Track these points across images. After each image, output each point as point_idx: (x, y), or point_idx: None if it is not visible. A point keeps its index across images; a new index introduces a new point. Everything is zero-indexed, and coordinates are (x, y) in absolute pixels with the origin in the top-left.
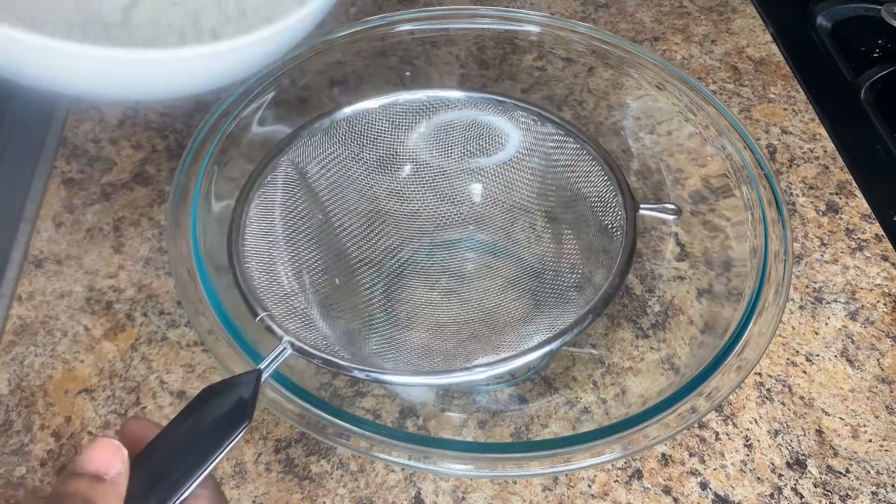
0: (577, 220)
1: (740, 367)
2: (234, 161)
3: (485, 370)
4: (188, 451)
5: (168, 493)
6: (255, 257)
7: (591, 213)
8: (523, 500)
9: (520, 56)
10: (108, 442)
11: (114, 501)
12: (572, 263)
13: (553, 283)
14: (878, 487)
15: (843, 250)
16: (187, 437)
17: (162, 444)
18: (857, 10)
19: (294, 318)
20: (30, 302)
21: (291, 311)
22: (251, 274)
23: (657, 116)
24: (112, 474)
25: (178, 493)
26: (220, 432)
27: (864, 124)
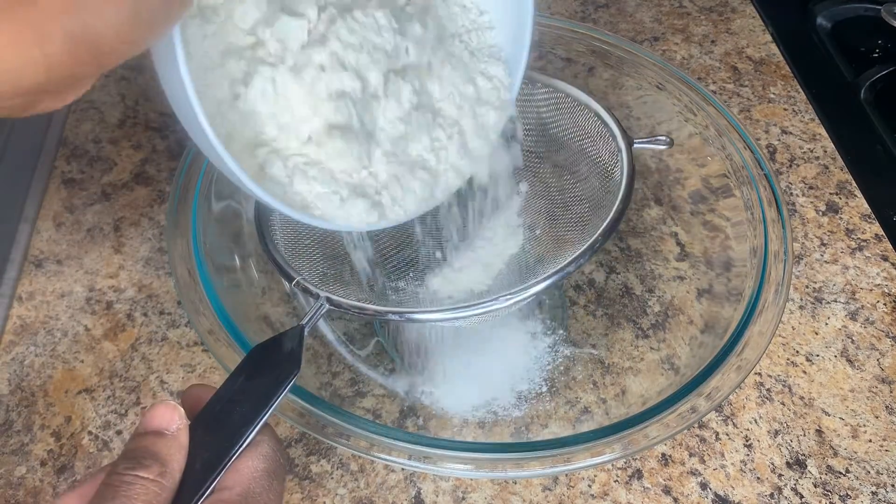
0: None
1: (740, 367)
2: None
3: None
4: (245, 403)
5: (231, 441)
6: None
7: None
8: (523, 500)
9: None
10: (164, 402)
11: (177, 453)
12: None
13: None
14: (878, 487)
15: (843, 250)
16: (243, 391)
17: (221, 400)
18: (857, 10)
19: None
20: (30, 302)
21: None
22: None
23: (657, 116)
24: (172, 429)
25: (241, 439)
26: (273, 382)
27: (864, 124)
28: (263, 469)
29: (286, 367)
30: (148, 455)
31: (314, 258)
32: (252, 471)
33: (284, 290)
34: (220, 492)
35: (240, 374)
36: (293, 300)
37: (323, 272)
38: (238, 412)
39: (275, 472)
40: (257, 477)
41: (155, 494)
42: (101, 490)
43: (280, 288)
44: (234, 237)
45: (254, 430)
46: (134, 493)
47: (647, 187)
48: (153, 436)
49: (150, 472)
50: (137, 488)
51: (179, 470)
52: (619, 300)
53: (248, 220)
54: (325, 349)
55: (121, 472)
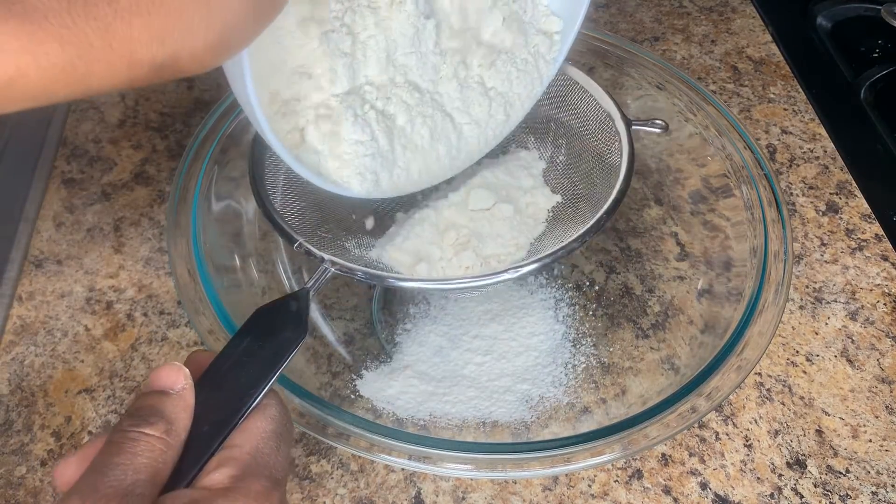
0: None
1: (740, 367)
2: (234, 161)
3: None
4: (251, 365)
5: (239, 402)
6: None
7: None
8: (523, 500)
9: None
10: (169, 364)
11: (183, 412)
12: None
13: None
14: (878, 487)
15: (843, 250)
16: (248, 354)
17: (225, 362)
18: (857, 10)
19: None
20: (30, 302)
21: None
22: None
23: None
24: (177, 388)
25: (249, 400)
26: (279, 346)
27: (864, 124)
28: (272, 430)
29: (293, 330)
30: (153, 413)
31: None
32: (261, 431)
33: (284, 290)
34: (230, 449)
35: (244, 336)
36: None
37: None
38: (245, 374)
39: (282, 434)
40: (266, 437)
41: (160, 452)
42: (106, 447)
43: (280, 288)
44: (234, 237)
45: (262, 392)
46: (139, 450)
47: (647, 187)
48: (158, 395)
49: (155, 428)
50: (142, 444)
51: (185, 429)
52: (619, 300)
53: (248, 220)
54: (326, 349)
55: (125, 429)
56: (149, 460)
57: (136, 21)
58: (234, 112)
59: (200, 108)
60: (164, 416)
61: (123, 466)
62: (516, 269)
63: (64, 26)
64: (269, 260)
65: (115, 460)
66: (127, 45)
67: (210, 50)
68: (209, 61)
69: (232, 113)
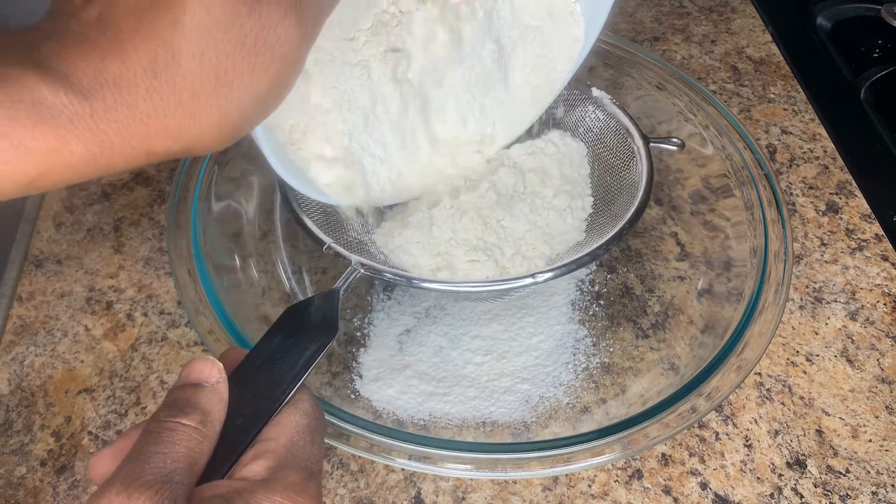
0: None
1: (740, 367)
2: (234, 161)
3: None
4: (284, 361)
5: (272, 397)
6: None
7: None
8: (523, 500)
9: None
10: (203, 357)
11: (218, 404)
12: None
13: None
14: (878, 487)
15: (843, 250)
16: (280, 350)
17: (258, 358)
18: (857, 10)
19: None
20: (30, 302)
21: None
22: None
23: (657, 116)
24: (212, 382)
25: (282, 395)
26: (311, 344)
27: (864, 124)
28: (305, 424)
29: (324, 329)
30: (189, 404)
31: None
32: (295, 425)
33: (284, 290)
34: (265, 442)
35: (276, 333)
36: (293, 300)
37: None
38: (277, 370)
39: (315, 428)
40: (300, 430)
41: (196, 442)
42: (143, 437)
43: (280, 288)
44: (234, 237)
45: (294, 387)
46: (176, 439)
47: None
48: (193, 387)
49: (191, 419)
50: (179, 434)
51: (220, 421)
52: (619, 300)
53: (248, 220)
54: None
55: (162, 419)
56: (186, 450)
57: (153, 123)
58: None
59: None
60: (200, 407)
61: (162, 455)
62: (533, 277)
63: (87, 129)
64: (269, 260)
65: (154, 449)
66: (145, 143)
67: (222, 141)
68: (220, 146)
69: None
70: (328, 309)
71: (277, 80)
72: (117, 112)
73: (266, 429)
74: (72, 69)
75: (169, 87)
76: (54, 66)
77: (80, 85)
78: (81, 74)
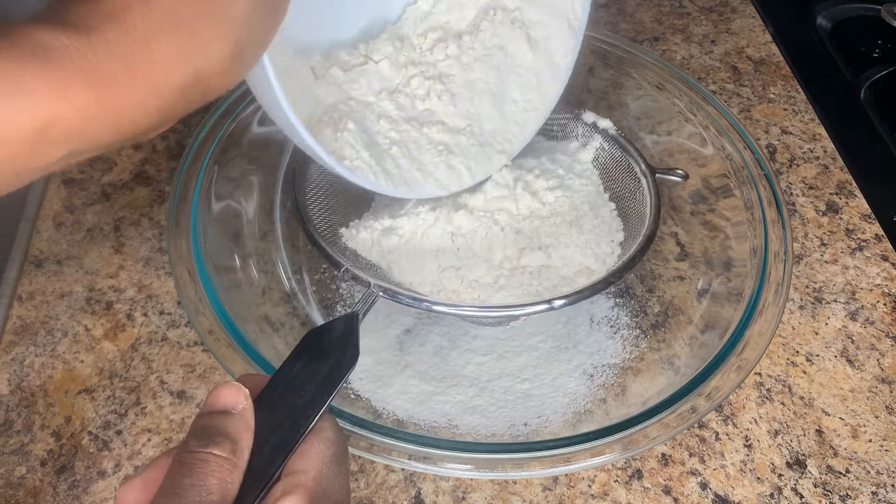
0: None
1: (740, 367)
2: (234, 161)
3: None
4: (306, 388)
5: (297, 425)
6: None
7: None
8: (523, 500)
9: None
10: (230, 384)
11: (245, 432)
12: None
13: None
14: (878, 487)
15: (843, 250)
16: (302, 377)
17: (279, 385)
18: (857, 10)
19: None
20: (30, 302)
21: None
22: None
23: (657, 116)
24: (238, 408)
25: (307, 423)
26: (333, 369)
27: (864, 124)
28: (331, 454)
29: (345, 354)
30: (219, 433)
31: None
32: (321, 455)
33: (284, 290)
34: (294, 475)
35: (297, 359)
36: (293, 300)
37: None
38: (300, 397)
39: (341, 457)
40: (327, 461)
41: (228, 472)
42: (175, 468)
43: (280, 288)
44: (234, 237)
45: (318, 414)
46: (209, 470)
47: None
48: (221, 415)
49: (222, 449)
50: (211, 465)
51: (248, 449)
52: (619, 300)
53: (248, 220)
54: None
55: (194, 450)
56: (219, 481)
57: (154, 46)
58: (235, 112)
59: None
60: (230, 436)
61: (197, 488)
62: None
63: (89, 64)
64: (269, 260)
65: (188, 481)
66: (150, 71)
67: (229, 60)
68: (232, 72)
69: (232, 113)
70: (348, 333)
71: None
72: (115, 43)
73: (293, 460)
74: (68, 11)
75: (161, 6)
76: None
77: (78, 22)
78: (77, 12)
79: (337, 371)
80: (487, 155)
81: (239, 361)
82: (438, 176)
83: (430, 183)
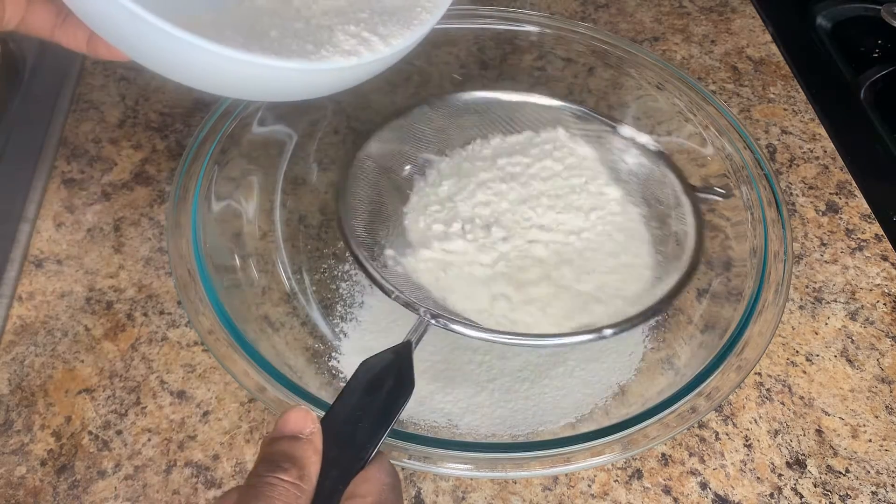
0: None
1: (740, 367)
2: (234, 161)
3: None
4: (365, 419)
5: (359, 454)
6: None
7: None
8: (523, 500)
9: (520, 56)
10: (298, 409)
11: (313, 455)
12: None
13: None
14: (878, 487)
15: (842, 250)
16: (360, 409)
17: (339, 417)
18: (857, 10)
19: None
20: (30, 302)
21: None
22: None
23: (657, 116)
24: (307, 433)
25: (367, 454)
26: (390, 400)
27: (864, 124)
28: (390, 483)
29: (401, 384)
30: (286, 458)
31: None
32: (381, 482)
33: (284, 290)
34: (355, 499)
35: (354, 390)
36: (293, 300)
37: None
38: (360, 429)
39: (396, 487)
40: (385, 489)
41: (295, 497)
42: (244, 492)
43: (280, 288)
44: (234, 237)
45: (377, 445)
46: (276, 494)
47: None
48: (290, 440)
49: (289, 474)
50: (279, 490)
51: (316, 474)
52: None
53: (248, 220)
54: (326, 349)
55: (261, 475)
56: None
57: None
58: (235, 112)
59: (200, 108)
60: (297, 461)
61: None
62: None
63: None
64: (269, 260)
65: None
66: None
67: None
68: None
69: (232, 113)
70: (403, 363)
71: None
72: None
73: (354, 485)
74: None
75: None
76: None
77: None
78: None
79: (393, 402)
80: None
81: (239, 361)
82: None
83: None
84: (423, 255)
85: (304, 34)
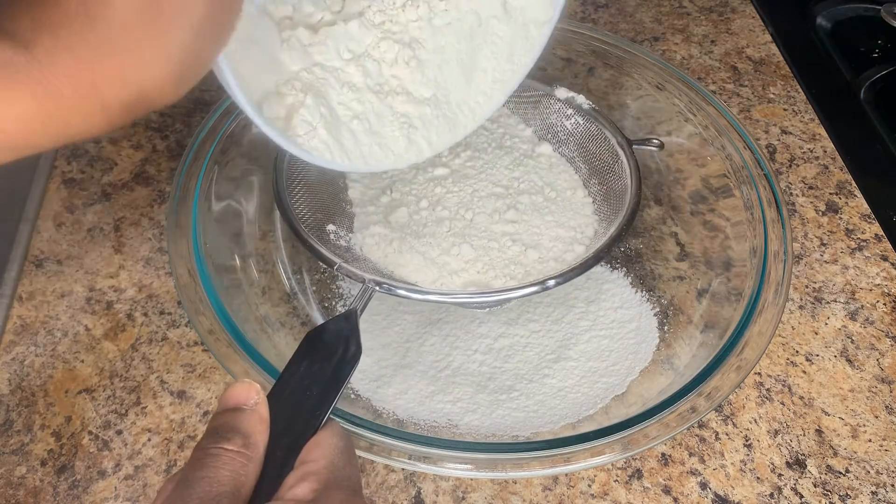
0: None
1: (740, 367)
2: (234, 161)
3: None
4: (312, 389)
5: (308, 422)
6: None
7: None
8: (523, 500)
9: None
10: (241, 382)
11: (258, 424)
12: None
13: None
14: (878, 487)
15: (842, 250)
16: (308, 378)
17: (286, 387)
18: (857, 10)
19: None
20: (30, 302)
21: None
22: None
23: (657, 116)
24: (251, 404)
25: (317, 421)
26: (337, 368)
27: (864, 124)
28: (343, 446)
29: (348, 351)
30: (229, 429)
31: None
32: (332, 446)
33: (284, 290)
34: (307, 464)
35: (300, 360)
36: (293, 300)
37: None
38: (309, 395)
39: (349, 449)
40: (338, 452)
41: (241, 465)
42: (188, 465)
43: (280, 288)
44: (234, 237)
45: (328, 412)
46: (220, 464)
47: (648, 187)
48: (232, 411)
49: (233, 443)
50: (223, 459)
51: (263, 442)
52: None
53: (249, 220)
54: None
55: (205, 447)
56: (231, 473)
57: (97, 67)
58: (235, 112)
59: (200, 108)
60: (241, 430)
61: (208, 479)
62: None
63: (33, 79)
64: (269, 260)
65: (199, 474)
66: (94, 91)
67: (173, 80)
68: (175, 91)
69: (232, 113)
70: (349, 331)
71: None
72: (59, 58)
73: (305, 451)
74: (10, 22)
75: (104, 25)
76: None
77: (20, 35)
78: (19, 25)
79: (342, 368)
80: (450, 126)
81: (239, 361)
82: (397, 149)
83: (388, 156)
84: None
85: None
